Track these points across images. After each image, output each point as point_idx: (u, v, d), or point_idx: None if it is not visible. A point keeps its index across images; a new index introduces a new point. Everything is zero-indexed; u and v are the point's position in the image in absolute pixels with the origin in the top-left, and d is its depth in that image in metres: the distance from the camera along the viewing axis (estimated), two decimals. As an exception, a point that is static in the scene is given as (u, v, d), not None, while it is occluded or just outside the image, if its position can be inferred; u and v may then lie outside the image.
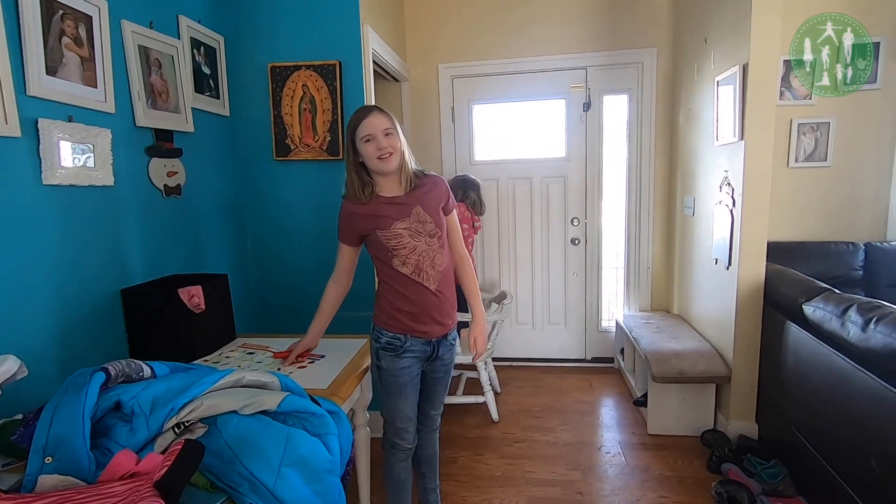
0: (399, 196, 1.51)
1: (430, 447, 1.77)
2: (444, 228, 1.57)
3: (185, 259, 1.98)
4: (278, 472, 0.99)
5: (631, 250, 3.28)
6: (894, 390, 1.42)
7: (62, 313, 1.44)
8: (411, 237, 1.48)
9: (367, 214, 1.49)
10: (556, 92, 3.18)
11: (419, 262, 1.49)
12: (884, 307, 1.60)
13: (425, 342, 1.55)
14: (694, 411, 2.42)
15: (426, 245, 1.50)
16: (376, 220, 1.48)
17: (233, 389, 1.14)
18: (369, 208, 1.49)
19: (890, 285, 2.64)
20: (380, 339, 1.55)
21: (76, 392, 0.98)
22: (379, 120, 1.45)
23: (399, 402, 1.57)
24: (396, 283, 1.52)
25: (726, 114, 2.27)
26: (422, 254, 1.49)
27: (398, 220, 1.48)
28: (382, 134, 1.43)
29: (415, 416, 1.62)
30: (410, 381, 1.57)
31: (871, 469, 1.50)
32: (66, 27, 1.44)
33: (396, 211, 1.48)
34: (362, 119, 1.45)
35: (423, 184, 1.54)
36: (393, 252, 1.48)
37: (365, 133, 1.44)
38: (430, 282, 1.51)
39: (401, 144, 1.47)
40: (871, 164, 2.82)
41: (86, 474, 0.89)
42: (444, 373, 1.66)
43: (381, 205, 1.49)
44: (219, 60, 2.21)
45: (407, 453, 1.65)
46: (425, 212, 1.50)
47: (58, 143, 1.39)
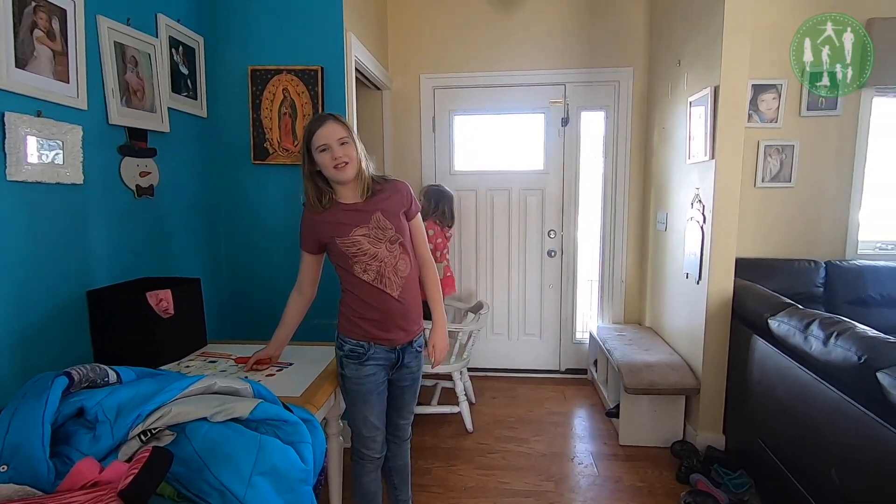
0: (357, 203, 1.50)
1: (401, 458, 1.75)
2: (406, 234, 1.56)
3: (156, 262, 1.92)
4: (249, 481, 0.96)
5: (605, 263, 3.34)
6: (853, 403, 1.48)
7: (23, 315, 1.38)
8: (371, 244, 1.47)
9: (326, 222, 1.48)
10: (536, 106, 3.24)
11: (381, 268, 1.48)
12: (844, 322, 1.66)
13: (389, 349, 1.54)
14: (664, 422, 2.46)
15: (387, 251, 1.49)
16: (335, 227, 1.47)
17: (203, 396, 1.11)
18: (328, 216, 1.49)
19: (847, 301, 2.76)
20: (343, 346, 1.54)
21: (36, 397, 0.93)
22: (333, 129, 1.44)
23: (364, 410, 1.54)
24: (358, 290, 1.50)
25: (698, 133, 2.35)
26: (383, 260, 1.48)
27: (356, 227, 1.47)
28: (338, 143, 1.43)
29: (382, 426, 1.59)
30: (375, 388, 1.54)
31: (831, 479, 1.55)
32: (39, 20, 1.40)
33: (355, 218, 1.48)
34: (317, 129, 1.44)
35: (382, 189, 1.53)
36: (353, 259, 1.47)
37: (320, 143, 1.43)
38: (392, 288, 1.50)
39: (357, 153, 1.47)
40: (831, 187, 2.96)
41: (44, 483, 0.84)
42: (412, 381, 1.64)
43: (339, 212, 1.49)
44: (198, 61, 2.17)
45: (375, 464, 1.63)
46: (385, 218, 1.49)
47: (25, 138, 1.35)
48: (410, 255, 1.56)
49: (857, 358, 1.48)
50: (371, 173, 1.54)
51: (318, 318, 2.35)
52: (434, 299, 1.67)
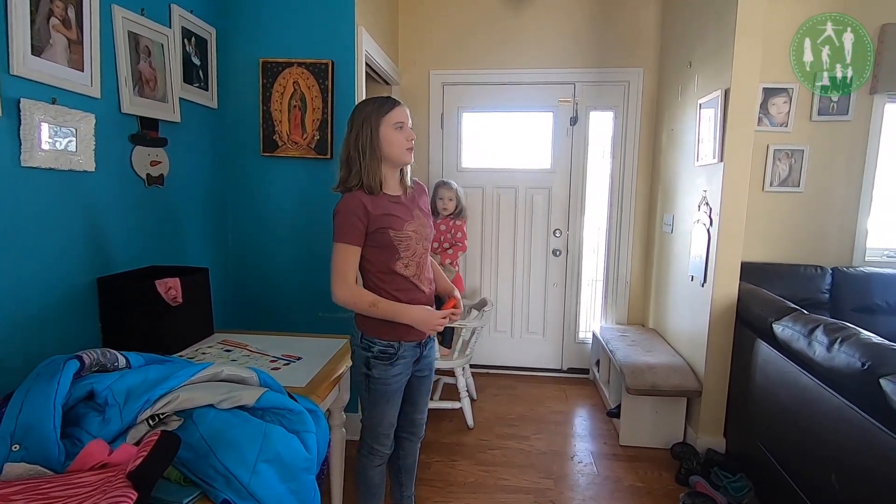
0: (400, 196, 1.49)
1: (412, 457, 1.75)
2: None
3: (165, 251, 1.94)
4: (254, 467, 0.98)
5: (610, 264, 3.34)
6: (856, 409, 1.48)
7: (35, 300, 1.40)
8: (416, 241, 1.47)
9: (379, 210, 1.41)
10: (545, 105, 3.24)
11: (420, 264, 1.48)
12: (848, 328, 1.66)
13: (416, 345, 1.53)
14: (665, 424, 2.46)
15: (423, 248, 1.50)
16: (388, 218, 1.41)
17: (210, 383, 1.12)
18: (379, 204, 1.42)
19: (854, 309, 2.74)
20: (371, 348, 1.47)
21: (48, 379, 0.95)
22: (405, 111, 1.44)
23: (386, 409, 1.53)
24: (394, 287, 1.45)
25: (707, 136, 2.34)
26: (421, 257, 1.49)
27: (407, 221, 1.45)
28: (409, 126, 1.44)
29: (396, 422, 1.60)
30: (400, 388, 1.54)
31: (831, 484, 1.55)
32: (55, 8, 1.41)
33: (404, 211, 1.46)
34: (395, 106, 1.42)
35: (416, 187, 1.56)
36: (399, 253, 1.43)
37: (398, 119, 1.41)
38: (424, 283, 1.50)
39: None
40: (840, 193, 2.94)
41: (55, 464, 0.86)
42: (429, 370, 1.65)
43: (388, 203, 1.44)
44: (209, 52, 2.19)
45: (384, 458, 1.63)
46: (423, 216, 1.51)
47: (39, 124, 1.36)
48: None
49: (860, 364, 1.48)
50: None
51: (323, 311, 2.39)
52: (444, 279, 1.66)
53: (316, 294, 2.37)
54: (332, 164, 2.28)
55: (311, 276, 2.37)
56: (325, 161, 2.28)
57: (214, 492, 0.95)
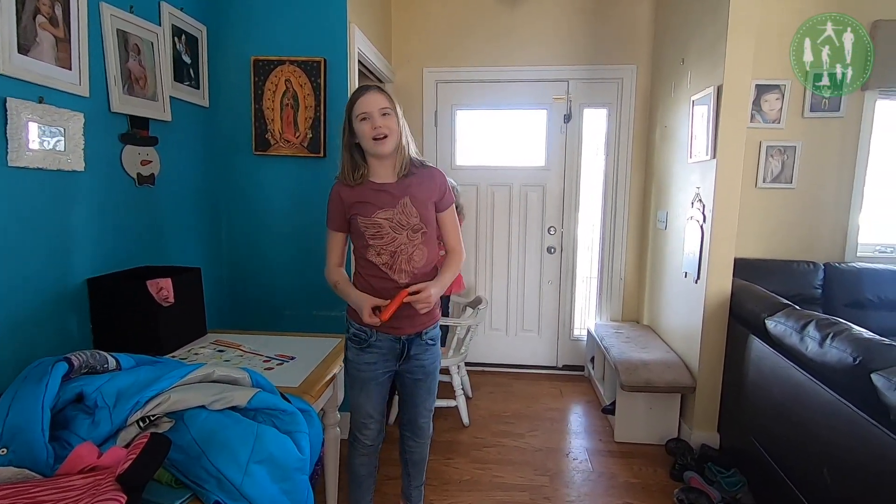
0: (389, 184, 1.46)
1: (419, 454, 1.74)
2: (432, 224, 1.51)
3: (156, 251, 1.92)
4: (246, 469, 0.97)
5: (605, 261, 3.35)
6: (847, 404, 1.49)
7: (24, 301, 1.38)
8: (392, 229, 1.44)
9: (353, 198, 1.45)
10: (539, 102, 3.23)
11: (395, 254, 1.45)
12: (840, 324, 1.67)
13: (394, 339, 1.50)
14: (659, 420, 2.47)
15: (407, 239, 1.45)
16: (360, 205, 1.44)
17: (202, 384, 1.12)
18: (356, 193, 1.45)
19: (846, 304, 2.76)
20: (349, 329, 1.54)
21: (36, 382, 0.94)
22: (376, 98, 1.40)
23: (361, 397, 1.54)
24: (368, 273, 1.48)
25: (700, 132, 2.35)
26: (399, 246, 1.45)
27: (381, 209, 1.43)
28: (379, 113, 1.39)
29: (378, 416, 1.58)
30: (374, 379, 1.52)
31: (824, 478, 1.56)
32: (42, 6, 1.40)
33: (382, 199, 1.44)
34: (359, 97, 1.41)
35: (417, 174, 1.49)
36: (369, 241, 1.44)
37: (361, 111, 1.39)
38: (401, 276, 1.46)
39: (399, 126, 1.44)
40: (832, 189, 2.96)
41: (43, 467, 0.85)
42: (423, 375, 1.58)
43: (368, 191, 1.45)
44: (200, 50, 2.17)
45: (368, 449, 1.62)
46: (412, 204, 1.45)
47: (26, 124, 1.35)
48: (430, 248, 1.51)
49: (852, 359, 1.49)
50: (411, 154, 1.49)
51: (318, 310, 2.38)
52: (443, 272, 1.53)
53: (310, 293, 2.36)
54: (325, 163, 2.27)
55: (304, 275, 2.36)
56: (318, 159, 2.27)
57: (206, 493, 0.94)
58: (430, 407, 1.67)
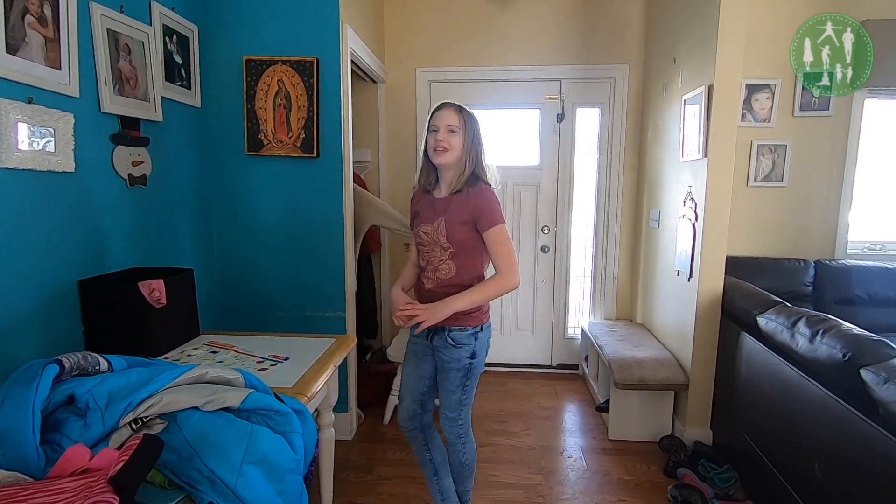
0: (440, 199, 1.60)
1: (454, 454, 1.74)
2: (462, 245, 1.53)
3: (148, 252, 1.91)
4: (239, 470, 0.97)
5: (598, 260, 3.36)
6: (838, 399, 1.51)
7: (14, 303, 1.37)
8: (429, 242, 1.59)
9: (415, 205, 1.67)
10: (532, 102, 3.24)
11: (429, 262, 1.61)
12: (830, 321, 1.69)
13: (424, 332, 1.61)
14: (653, 418, 2.49)
15: (438, 254, 1.58)
16: (416, 214, 1.66)
17: (195, 385, 1.11)
18: (419, 201, 1.66)
19: (836, 301, 2.79)
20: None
21: (26, 384, 0.93)
22: (448, 114, 1.55)
23: (404, 370, 1.73)
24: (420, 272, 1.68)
25: (692, 131, 2.36)
26: (432, 257, 1.60)
27: (424, 223, 1.60)
28: (446, 129, 1.53)
29: (411, 401, 1.71)
30: (413, 357, 1.69)
31: (815, 474, 1.58)
32: (30, 5, 1.38)
33: (428, 213, 1.60)
34: (436, 111, 1.58)
35: (464, 192, 1.55)
36: (418, 245, 1.65)
37: (433, 123, 1.56)
38: (427, 282, 1.62)
39: (462, 144, 1.53)
40: (822, 187, 2.99)
41: (34, 470, 0.85)
42: (443, 369, 1.62)
43: (424, 201, 1.63)
44: (192, 50, 2.16)
45: (409, 434, 1.74)
46: (445, 224, 1.55)
47: (15, 124, 1.33)
48: (461, 265, 1.55)
49: (841, 355, 1.51)
50: (472, 172, 1.56)
51: (312, 311, 2.38)
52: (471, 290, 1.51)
53: (303, 294, 2.35)
54: (318, 163, 2.27)
55: (298, 275, 2.35)
56: (310, 160, 2.27)
57: (199, 495, 0.94)
58: (450, 404, 1.64)
